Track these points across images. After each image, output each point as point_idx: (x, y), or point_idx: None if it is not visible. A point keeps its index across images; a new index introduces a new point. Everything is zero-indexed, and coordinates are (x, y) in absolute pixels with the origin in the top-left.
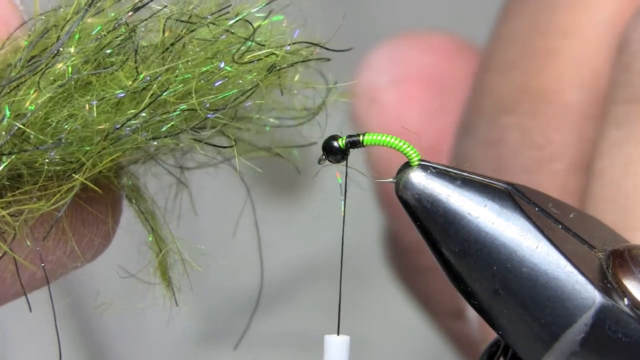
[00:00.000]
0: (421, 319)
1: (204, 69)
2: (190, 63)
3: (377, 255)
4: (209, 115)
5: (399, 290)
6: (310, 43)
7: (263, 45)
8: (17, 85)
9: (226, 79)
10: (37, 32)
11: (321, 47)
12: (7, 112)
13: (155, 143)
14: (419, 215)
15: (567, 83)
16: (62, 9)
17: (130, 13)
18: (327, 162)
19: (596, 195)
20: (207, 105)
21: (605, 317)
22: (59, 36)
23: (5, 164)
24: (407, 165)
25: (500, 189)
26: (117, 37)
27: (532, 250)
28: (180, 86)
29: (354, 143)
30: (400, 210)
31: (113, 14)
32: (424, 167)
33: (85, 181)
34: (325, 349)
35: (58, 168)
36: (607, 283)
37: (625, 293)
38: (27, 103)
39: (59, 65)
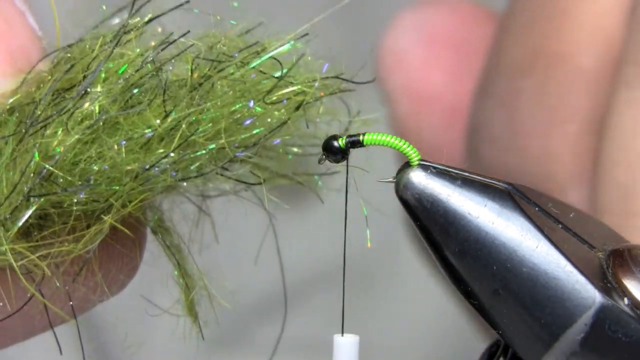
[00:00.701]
0: (424, 321)
1: (233, 108)
2: (219, 102)
3: (380, 257)
4: (238, 154)
5: (403, 293)
6: (338, 78)
7: (292, 83)
8: (45, 125)
9: (254, 117)
10: (61, 67)
11: (348, 81)
12: (36, 155)
13: (184, 184)
14: (419, 215)
15: (580, 47)
16: (86, 43)
17: (157, 51)
18: (327, 161)
19: (607, 157)
20: (236, 144)
21: (605, 317)
22: (84, 76)
23: (34, 207)
24: (407, 165)
25: (500, 189)
26: (143, 77)
27: (532, 250)
28: (209, 126)
29: (354, 142)
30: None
31: (139, 50)
32: (424, 167)
33: (115, 223)
34: (335, 349)
35: (86, 207)
36: (607, 283)
37: (625, 293)
38: (55, 144)
39: (86, 105)
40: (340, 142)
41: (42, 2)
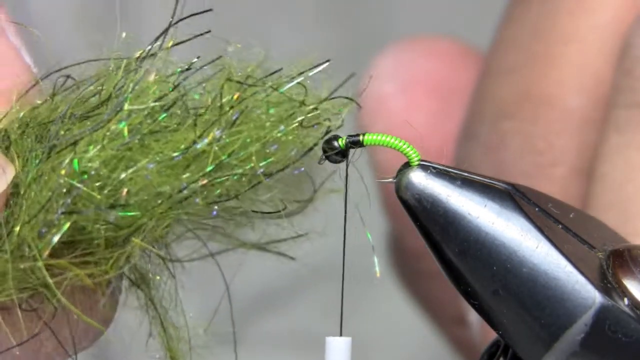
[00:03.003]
0: (423, 322)
1: (265, 132)
2: (252, 125)
3: (380, 257)
4: (267, 179)
5: (401, 293)
6: (349, 99)
7: (316, 109)
8: (75, 142)
9: (280, 144)
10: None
11: (355, 102)
12: (75, 164)
13: (216, 207)
14: (419, 215)
15: (568, 88)
16: (112, 69)
17: (184, 76)
18: (327, 161)
19: (597, 201)
20: (262, 170)
21: (605, 317)
22: (109, 96)
23: (67, 224)
24: (407, 166)
25: (500, 189)
26: (169, 105)
27: (532, 251)
28: (242, 152)
29: (354, 143)
30: (402, 214)
31: (161, 75)
32: (424, 167)
33: (143, 244)
34: (327, 351)
35: (108, 235)
36: (607, 283)
37: (625, 293)
38: (89, 157)
39: (113, 126)
40: (340, 142)
41: (42, 21)
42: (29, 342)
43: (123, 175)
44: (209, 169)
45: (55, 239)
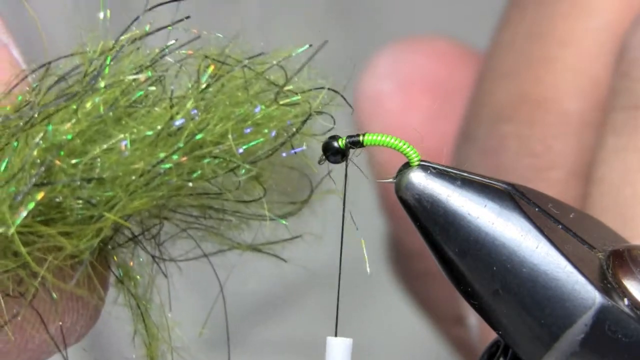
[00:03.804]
0: (423, 324)
1: (240, 110)
2: (227, 102)
3: (379, 260)
4: (247, 163)
5: (401, 295)
6: (335, 91)
7: (296, 94)
8: (49, 115)
9: (257, 126)
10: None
11: (344, 99)
12: (50, 130)
13: (190, 184)
14: (419, 215)
15: (565, 91)
16: (89, 50)
17: (162, 53)
18: (327, 162)
19: (595, 204)
20: (241, 150)
21: (605, 318)
22: (85, 71)
23: (39, 196)
24: (407, 166)
25: (500, 189)
26: (148, 81)
27: (532, 251)
28: (218, 127)
29: (354, 143)
30: (402, 214)
31: (140, 54)
32: (424, 168)
33: (119, 219)
34: (327, 351)
35: (84, 213)
36: (607, 283)
37: (625, 293)
38: (67, 127)
39: (89, 102)
40: (340, 143)
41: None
42: (17, 337)
43: (97, 150)
44: (180, 144)
45: (29, 207)
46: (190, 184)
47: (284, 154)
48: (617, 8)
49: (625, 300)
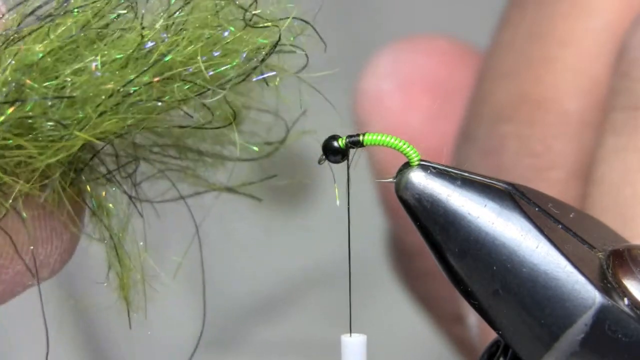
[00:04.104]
0: (424, 323)
1: (210, 32)
2: (197, 25)
3: (380, 259)
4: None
5: (401, 294)
6: (303, 20)
7: (266, 20)
8: (23, 37)
9: (228, 52)
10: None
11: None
12: (22, 50)
13: (159, 104)
14: (419, 215)
15: (565, 91)
16: None
17: None
18: (327, 162)
19: (595, 204)
20: (211, 73)
21: (605, 317)
22: None
23: (8, 113)
24: (407, 165)
25: (500, 189)
26: (120, 5)
27: (532, 251)
28: (188, 49)
29: (354, 143)
30: (402, 214)
31: None
32: (424, 167)
33: (89, 137)
34: (343, 350)
35: (56, 134)
36: (607, 283)
37: (625, 293)
38: (38, 48)
39: (61, 23)
40: (340, 143)
41: None
42: None
43: (68, 70)
44: (149, 64)
45: None
46: (160, 104)
47: (254, 79)
48: (617, 8)
49: (625, 300)
